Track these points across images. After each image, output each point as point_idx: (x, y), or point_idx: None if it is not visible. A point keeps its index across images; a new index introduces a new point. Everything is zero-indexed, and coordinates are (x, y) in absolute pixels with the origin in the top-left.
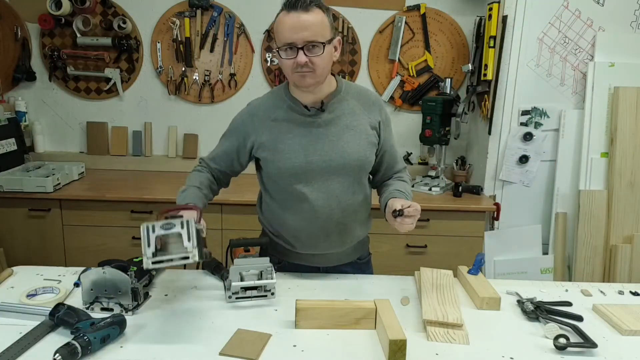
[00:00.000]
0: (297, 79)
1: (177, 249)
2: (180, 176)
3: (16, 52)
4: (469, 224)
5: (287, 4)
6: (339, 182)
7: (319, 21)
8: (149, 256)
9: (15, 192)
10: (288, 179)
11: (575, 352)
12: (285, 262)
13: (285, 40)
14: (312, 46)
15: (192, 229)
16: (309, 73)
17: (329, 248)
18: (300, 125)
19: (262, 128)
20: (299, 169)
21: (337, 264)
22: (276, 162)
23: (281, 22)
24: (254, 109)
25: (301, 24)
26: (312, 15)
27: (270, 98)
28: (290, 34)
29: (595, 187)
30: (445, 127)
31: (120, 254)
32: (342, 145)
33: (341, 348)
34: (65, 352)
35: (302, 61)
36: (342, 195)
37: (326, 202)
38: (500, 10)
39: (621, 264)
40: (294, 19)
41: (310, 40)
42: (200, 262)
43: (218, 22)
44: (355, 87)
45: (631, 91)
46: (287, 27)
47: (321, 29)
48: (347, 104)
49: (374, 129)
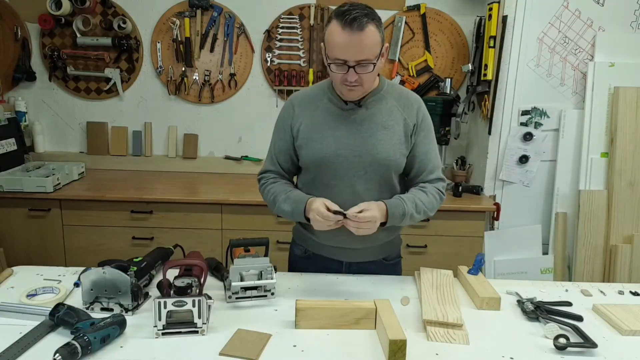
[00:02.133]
0: (345, 92)
1: (186, 317)
2: (180, 176)
3: (16, 52)
4: (469, 224)
5: (343, 21)
6: (365, 180)
7: (372, 41)
8: (159, 328)
9: (15, 192)
10: (316, 169)
11: (575, 352)
12: (310, 253)
13: (337, 56)
14: (363, 64)
15: (204, 306)
16: (357, 87)
17: (348, 243)
18: (337, 118)
19: (301, 116)
20: (328, 160)
21: (362, 260)
22: (308, 149)
23: (334, 35)
24: (295, 99)
25: (355, 44)
26: (366, 34)
27: (314, 90)
28: (343, 52)
29: (595, 187)
30: (445, 127)
31: (120, 254)
32: (373, 142)
33: (341, 348)
34: (65, 352)
35: (352, 80)
36: (365, 194)
37: (350, 198)
38: (500, 10)
39: (621, 264)
40: (348, 37)
41: (362, 59)
42: None
43: (218, 22)
44: (398, 88)
45: (631, 91)
46: (341, 45)
47: (374, 47)
48: (385, 103)
49: (408, 130)
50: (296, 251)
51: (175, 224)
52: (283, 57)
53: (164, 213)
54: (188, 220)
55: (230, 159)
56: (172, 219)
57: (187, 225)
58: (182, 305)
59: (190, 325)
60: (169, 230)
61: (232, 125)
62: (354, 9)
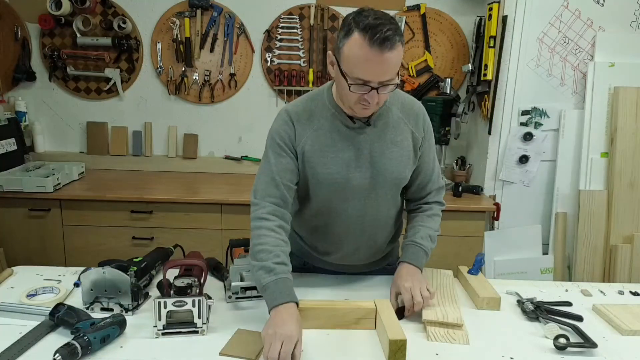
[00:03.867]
0: (359, 110)
1: (186, 318)
2: (180, 176)
3: (16, 52)
4: (469, 224)
5: (374, 39)
6: (374, 199)
7: (398, 59)
8: (159, 328)
9: (15, 192)
10: (326, 194)
11: (575, 352)
12: (310, 266)
13: (360, 76)
14: (386, 84)
15: (204, 306)
16: (373, 106)
17: (356, 260)
18: (345, 138)
19: (304, 135)
20: (339, 186)
21: (365, 270)
22: (316, 175)
23: (359, 52)
24: (292, 114)
25: (382, 65)
26: (394, 53)
27: (311, 103)
28: (368, 73)
29: (595, 187)
30: (445, 127)
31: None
32: (384, 162)
33: (341, 348)
34: (65, 352)
35: (374, 102)
36: (376, 212)
37: (359, 220)
38: (500, 10)
39: (621, 264)
40: (377, 58)
41: (386, 80)
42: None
43: (218, 22)
44: (399, 94)
45: (631, 91)
46: (367, 65)
47: (397, 66)
48: (391, 115)
49: (416, 144)
50: (293, 262)
51: (175, 224)
52: (283, 57)
53: (164, 213)
54: (188, 220)
55: (230, 159)
56: (172, 219)
57: (187, 225)
58: (182, 305)
59: (190, 325)
60: (169, 230)
61: (232, 125)
62: (384, 25)
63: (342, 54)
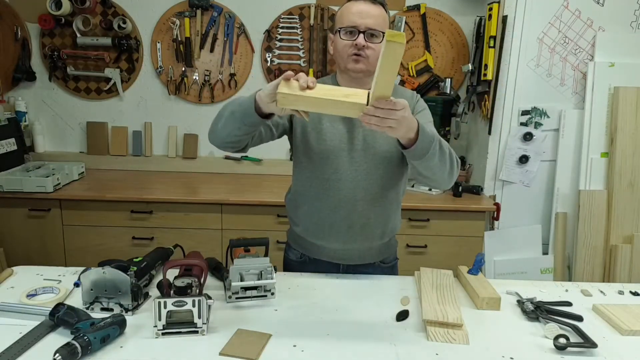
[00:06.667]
0: (351, 63)
1: (186, 318)
2: (180, 176)
3: (16, 52)
4: (469, 224)
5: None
6: (367, 173)
7: (381, 15)
8: (159, 328)
9: (15, 192)
10: (319, 162)
11: (575, 352)
12: (306, 257)
13: (348, 23)
14: (371, 34)
15: (204, 306)
16: (363, 59)
17: (350, 241)
18: None
19: None
20: (331, 153)
21: (360, 262)
22: (312, 141)
23: (347, 8)
24: None
25: (367, 12)
26: (376, 8)
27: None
28: (355, 18)
29: (595, 187)
30: (445, 127)
31: (120, 254)
32: (374, 136)
33: (342, 348)
34: (65, 352)
35: (361, 43)
36: (369, 187)
37: (352, 192)
38: (500, 10)
39: (621, 264)
40: (360, 6)
41: (372, 28)
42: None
43: (218, 22)
44: (397, 88)
45: (631, 91)
46: (353, 12)
47: (382, 22)
48: None
49: None
50: (291, 255)
51: (175, 224)
52: (283, 57)
53: (164, 213)
54: (188, 220)
55: (230, 159)
56: (172, 219)
57: (187, 225)
58: (182, 305)
59: (190, 325)
60: (169, 230)
61: None
62: None
63: (337, 18)
